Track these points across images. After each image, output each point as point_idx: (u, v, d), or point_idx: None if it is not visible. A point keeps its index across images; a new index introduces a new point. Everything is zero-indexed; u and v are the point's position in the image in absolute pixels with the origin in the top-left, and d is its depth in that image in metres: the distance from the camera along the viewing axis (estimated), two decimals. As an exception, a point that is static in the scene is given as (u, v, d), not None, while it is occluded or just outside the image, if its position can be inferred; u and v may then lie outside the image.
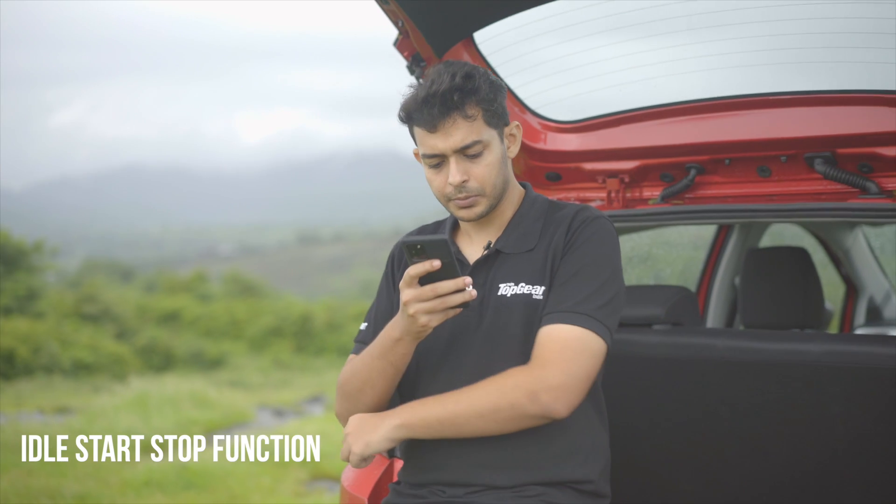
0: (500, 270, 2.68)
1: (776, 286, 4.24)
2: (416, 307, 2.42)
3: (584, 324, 2.56)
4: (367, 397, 2.66)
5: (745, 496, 3.56)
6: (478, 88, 2.60)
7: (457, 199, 2.63)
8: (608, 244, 2.69)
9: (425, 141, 2.64)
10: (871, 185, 3.32)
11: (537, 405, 2.50)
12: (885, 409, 3.24)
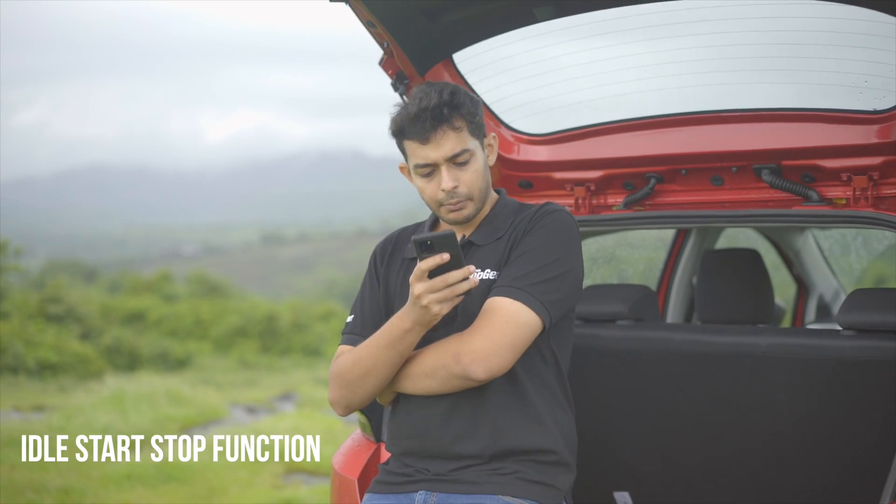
0: (471, 259, 2.91)
1: (730, 285, 4.42)
2: (429, 298, 2.63)
3: (517, 296, 2.76)
4: (369, 384, 2.88)
5: (700, 476, 3.78)
6: (462, 104, 2.84)
7: (448, 203, 2.87)
8: (561, 232, 2.89)
9: (418, 153, 2.86)
10: (812, 193, 3.55)
11: (459, 366, 2.74)
12: (826, 396, 3.48)
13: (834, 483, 3.47)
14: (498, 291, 2.79)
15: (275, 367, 22.84)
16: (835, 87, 3.52)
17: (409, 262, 3.03)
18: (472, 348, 2.74)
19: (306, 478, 9.28)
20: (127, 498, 8.08)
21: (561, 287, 2.84)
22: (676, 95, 3.81)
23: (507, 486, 2.83)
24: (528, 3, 3.47)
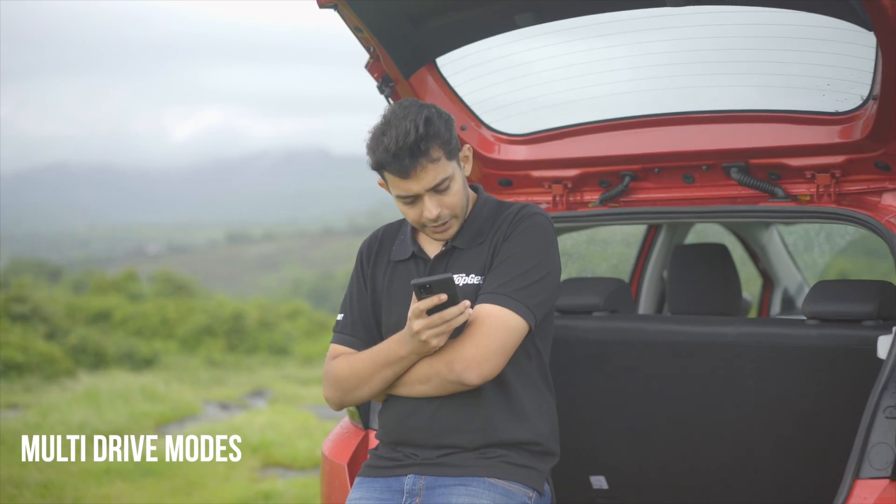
0: (455, 263, 3.06)
1: (699, 278, 4.58)
2: (427, 333, 2.81)
3: (503, 303, 2.91)
4: (364, 393, 3.06)
5: (673, 458, 3.95)
6: (438, 132, 2.94)
7: (433, 226, 3.01)
8: (540, 236, 3.03)
9: (399, 185, 2.97)
10: (778, 190, 3.70)
11: (453, 373, 2.90)
12: (792, 382, 3.66)
13: (799, 464, 3.63)
14: (485, 298, 2.94)
15: (242, 366, 22.68)
16: (799, 90, 3.67)
17: (396, 265, 3.16)
18: (464, 356, 2.89)
19: (283, 472, 9.36)
20: (107, 492, 8.14)
21: (543, 289, 2.99)
22: (650, 97, 3.94)
23: (492, 468, 2.97)
24: (510, 10, 3.61)
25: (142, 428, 10.84)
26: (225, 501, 8.09)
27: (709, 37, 3.57)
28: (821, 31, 3.32)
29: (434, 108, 3.00)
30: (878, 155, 3.50)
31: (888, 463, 2.90)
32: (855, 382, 3.36)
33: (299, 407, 13.22)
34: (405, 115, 2.95)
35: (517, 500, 2.98)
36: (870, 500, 2.88)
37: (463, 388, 2.93)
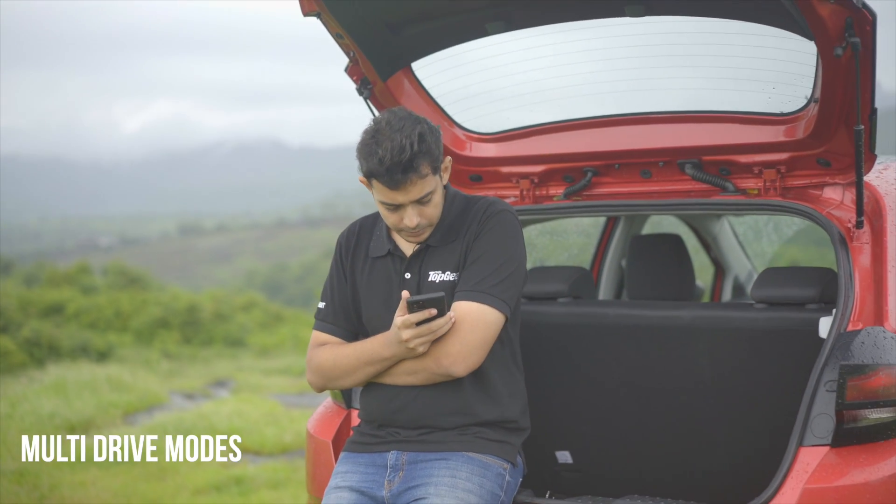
0: (429, 261, 3.29)
1: (655, 266, 4.78)
2: (415, 342, 3.06)
3: (481, 299, 3.16)
4: (345, 383, 3.32)
5: (633, 435, 4.15)
6: (429, 149, 3.12)
7: (410, 232, 3.22)
8: (506, 232, 3.25)
9: (386, 194, 3.15)
10: (728, 184, 3.92)
11: (441, 367, 3.15)
12: (742, 361, 3.89)
13: (749, 437, 3.86)
14: (464, 296, 3.17)
15: (198, 358, 22.70)
16: (748, 93, 3.88)
17: (374, 263, 3.37)
18: (449, 351, 3.13)
19: (252, 458, 9.50)
20: (82, 479, 8.23)
21: (514, 283, 3.23)
22: (610, 99, 4.15)
23: (469, 444, 3.22)
24: (481, 20, 3.82)
25: (110, 417, 10.97)
26: (198, 486, 8.22)
27: (665, 44, 3.80)
28: (767, 39, 3.54)
29: (426, 124, 3.16)
30: (820, 152, 3.72)
31: (828, 431, 3.15)
32: (799, 360, 3.57)
33: (264, 395, 13.34)
34: (400, 129, 3.09)
35: (493, 471, 3.22)
36: (812, 465, 3.13)
37: (449, 379, 3.17)
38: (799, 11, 3.17)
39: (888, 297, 3.33)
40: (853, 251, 3.49)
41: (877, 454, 3.17)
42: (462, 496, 3.16)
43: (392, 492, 3.24)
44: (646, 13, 3.64)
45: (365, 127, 3.20)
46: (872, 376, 3.17)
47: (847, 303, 3.36)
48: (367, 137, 3.14)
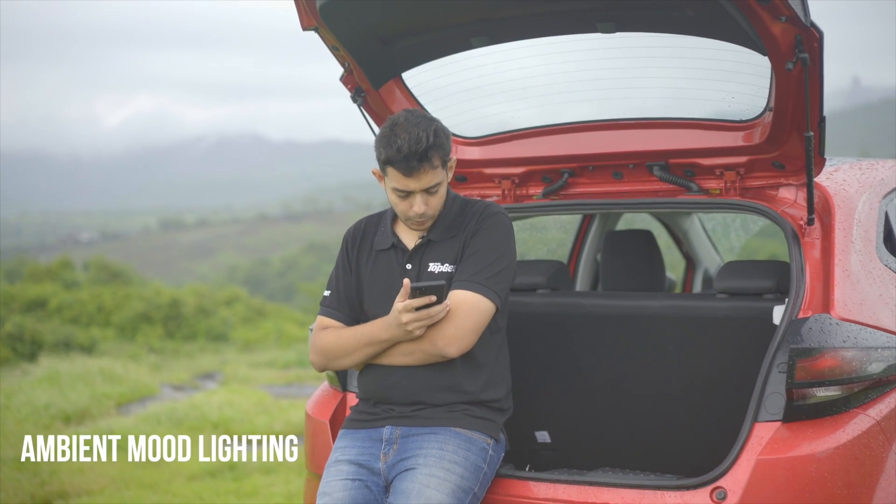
0: (430, 253, 3.61)
1: (628, 260, 5.00)
2: (413, 325, 3.38)
3: (476, 290, 3.49)
4: (345, 363, 3.63)
5: (606, 414, 4.39)
6: (442, 143, 3.45)
7: (415, 219, 3.54)
8: (501, 232, 3.59)
9: (400, 181, 3.46)
10: (693, 185, 4.14)
11: (436, 348, 3.47)
12: (706, 347, 4.14)
13: (710, 414, 4.11)
14: (460, 286, 3.50)
15: (181, 353, 22.78)
16: (710, 102, 4.11)
17: (378, 255, 3.68)
18: (444, 334, 3.46)
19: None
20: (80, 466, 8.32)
21: (505, 277, 3.55)
22: (586, 107, 4.38)
23: (457, 420, 3.54)
24: (466, 34, 4.09)
25: (104, 408, 11.10)
26: (192, 472, 8.40)
27: (634, 57, 4.05)
28: (727, 54, 3.79)
29: (440, 123, 3.48)
30: (775, 156, 3.95)
31: (780, 408, 3.41)
32: (756, 345, 3.82)
33: (252, 387, 13.48)
34: (417, 124, 3.43)
35: (478, 445, 3.53)
36: (766, 438, 3.40)
37: (443, 360, 3.49)
38: (754, 30, 3.44)
39: (835, 288, 3.58)
40: (805, 246, 3.72)
41: (823, 429, 3.41)
42: (449, 467, 3.46)
43: (387, 463, 3.53)
44: (616, 30, 3.89)
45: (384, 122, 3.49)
46: (819, 358, 3.42)
47: (798, 293, 3.60)
48: (385, 129, 3.46)
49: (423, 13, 4.03)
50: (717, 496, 3.41)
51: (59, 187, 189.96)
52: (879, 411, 3.49)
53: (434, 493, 3.42)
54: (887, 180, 4.20)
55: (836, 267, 3.65)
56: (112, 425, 9.82)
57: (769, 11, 3.34)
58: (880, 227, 3.94)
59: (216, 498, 7.58)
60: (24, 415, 10.43)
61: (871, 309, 3.62)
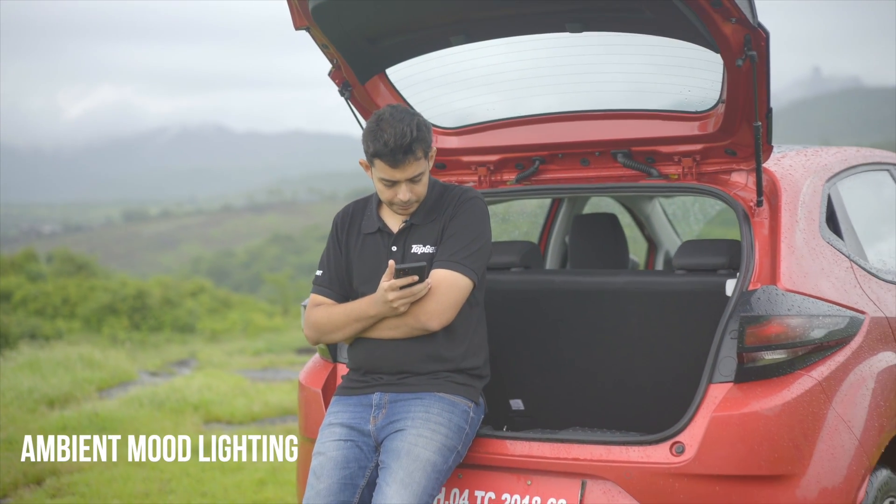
0: (413, 236, 3.95)
1: (594, 240, 5.29)
2: (399, 302, 3.71)
3: (455, 268, 3.83)
4: (336, 337, 3.96)
5: (575, 382, 4.67)
6: (425, 137, 3.75)
7: (400, 205, 3.86)
8: (477, 215, 3.93)
9: (386, 171, 3.77)
10: (653, 171, 4.40)
11: (419, 322, 3.81)
12: (666, 319, 4.43)
13: (670, 378, 4.40)
14: (440, 265, 3.83)
15: (148, 343, 22.70)
16: (669, 95, 4.39)
17: (366, 238, 4.01)
18: (427, 310, 3.80)
19: (224, 426, 9.94)
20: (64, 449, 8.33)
21: (481, 256, 3.89)
22: (555, 99, 4.64)
23: (441, 386, 3.88)
24: (446, 33, 4.39)
25: (86, 392, 11.27)
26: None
27: (600, 54, 4.34)
28: (684, 51, 4.10)
29: (421, 117, 3.79)
30: (727, 144, 4.23)
31: (732, 371, 3.74)
32: (711, 315, 4.11)
33: (229, 371, 13.71)
34: (401, 119, 3.74)
35: (460, 408, 3.88)
36: (719, 397, 3.73)
37: (426, 333, 3.82)
38: (707, 30, 3.76)
39: (781, 263, 3.91)
40: (754, 225, 4.02)
41: (771, 388, 3.74)
42: (434, 428, 3.80)
43: (376, 426, 3.87)
44: (583, 30, 4.19)
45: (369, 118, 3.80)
46: (766, 325, 3.76)
47: (748, 267, 3.92)
48: (372, 125, 3.77)
49: (406, 14, 4.31)
50: (675, 450, 3.74)
51: (20, 179, 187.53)
52: (821, 373, 3.82)
53: (422, 451, 3.76)
54: (830, 166, 4.51)
55: (782, 244, 3.97)
56: (97, 408, 10.02)
57: (720, 13, 3.65)
58: (823, 208, 4.25)
59: (202, 474, 7.81)
60: (8, 399, 10.59)
61: (813, 281, 3.96)
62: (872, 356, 4.05)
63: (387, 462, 3.79)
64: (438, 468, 3.78)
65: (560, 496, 3.92)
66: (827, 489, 3.76)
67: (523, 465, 4.00)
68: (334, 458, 3.87)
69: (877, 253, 4.63)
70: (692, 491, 3.71)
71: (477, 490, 4.04)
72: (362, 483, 3.85)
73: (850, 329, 3.96)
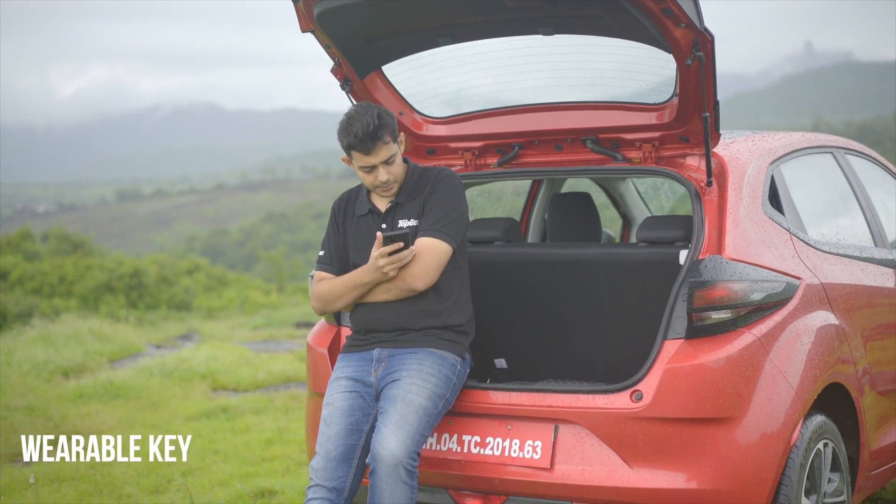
0: (398, 213, 4.47)
1: (570, 217, 5.68)
2: (388, 267, 4.23)
3: (434, 235, 4.35)
4: (338, 305, 4.49)
5: (552, 343, 5.05)
6: (387, 123, 4.27)
7: (382, 187, 4.38)
8: (452, 190, 4.43)
9: (362, 159, 4.29)
10: (618, 155, 4.80)
11: (406, 284, 4.34)
12: (630, 285, 4.86)
13: (633, 337, 4.79)
14: (422, 234, 4.35)
15: (145, 321, 22.92)
16: (630, 89, 4.82)
17: (359, 220, 4.53)
18: (412, 272, 4.33)
19: (231, 393, 10.41)
20: (86, 411, 9.11)
21: (459, 223, 4.40)
22: (532, 92, 5.05)
23: (431, 342, 4.42)
24: (434, 35, 4.85)
25: (97, 363, 11.75)
26: (189, 414, 9.17)
27: (571, 53, 4.79)
28: (642, 51, 4.54)
29: (382, 108, 4.30)
30: (681, 132, 4.64)
31: (683, 329, 4.22)
32: (667, 282, 4.54)
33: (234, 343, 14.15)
34: (365, 113, 4.28)
35: (448, 362, 4.41)
36: (672, 351, 4.21)
37: (413, 293, 4.35)
38: (661, 34, 4.24)
39: (726, 235, 4.38)
40: (705, 203, 4.46)
41: (716, 344, 4.21)
42: (426, 377, 4.35)
43: (377, 377, 4.42)
44: (554, 32, 4.66)
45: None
46: (712, 289, 4.23)
47: (698, 240, 4.38)
48: (343, 122, 4.32)
49: (400, 19, 4.78)
50: (634, 397, 4.23)
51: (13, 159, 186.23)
52: (760, 330, 4.31)
53: (415, 398, 4.31)
54: (775, 149, 4.98)
55: (727, 219, 4.44)
56: (111, 377, 10.50)
57: (671, 20, 4.13)
58: (766, 188, 4.71)
59: (214, 434, 8.34)
60: (25, 370, 11.06)
61: (755, 251, 4.44)
62: (807, 316, 4.54)
63: (385, 407, 4.33)
64: (429, 412, 4.32)
65: (536, 438, 4.41)
66: (765, 429, 4.24)
67: (504, 412, 4.48)
68: (341, 407, 4.42)
69: (817, 227, 5.09)
70: (649, 432, 4.20)
71: (464, 434, 4.53)
72: (366, 428, 4.40)
73: (786, 292, 4.44)
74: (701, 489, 4.17)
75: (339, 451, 4.33)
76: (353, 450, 4.36)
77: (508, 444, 4.47)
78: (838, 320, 4.74)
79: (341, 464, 4.32)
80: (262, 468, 7.18)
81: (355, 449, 4.36)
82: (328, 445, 4.36)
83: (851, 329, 4.86)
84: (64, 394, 10.01)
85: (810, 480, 4.54)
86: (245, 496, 6.39)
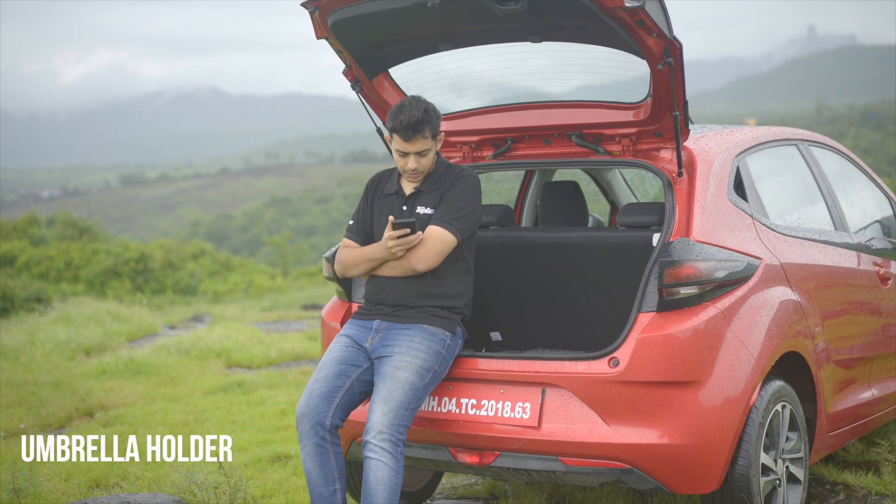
0: (419, 199, 4.91)
1: (559, 204, 6.07)
2: (396, 248, 4.67)
3: (442, 225, 4.78)
4: (354, 272, 4.94)
5: (542, 318, 5.50)
6: (431, 119, 4.69)
7: (410, 174, 4.83)
8: (468, 188, 4.84)
9: (401, 143, 4.72)
10: (600, 148, 5.20)
11: (410, 264, 4.78)
12: (611, 265, 5.26)
13: (614, 312, 5.21)
14: (434, 223, 4.79)
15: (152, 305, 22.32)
16: (610, 90, 5.21)
17: (386, 198, 4.97)
18: (416, 255, 4.78)
19: (244, 370, 10.82)
20: (110, 386, 9.56)
21: (469, 220, 4.81)
22: (523, 92, 5.46)
23: (424, 318, 4.86)
24: (436, 41, 5.27)
25: (117, 343, 12.19)
26: (206, 388, 9.64)
27: (557, 59, 5.22)
28: (620, 56, 4.96)
29: (432, 105, 4.70)
30: (655, 128, 5.05)
31: (655, 303, 4.65)
32: (642, 261, 4.98)
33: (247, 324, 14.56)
34: (416, 105, 4.71)
35: (438, 337, 4.85)
36: (645, 323, 4.63)
37: (415, 273, 4.80)
38: (635, 42, 4.68)
39: (693, 220, 4.82)
40: (676, 192, 4.89)
41: (684, 316, 4.63)
42: (415, 353, 4.79)
43: (372, 345, 4.87)
44: (542, 40, 5.09)
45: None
46: (680, 267, 4.66)
47: (669, 224, 4.80)
48: (395, 107, 4.75)
49: (405, 28, 5.20)
50: (612, 363, 4.67)
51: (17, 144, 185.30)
52: (723, 304, 4.76)
53: (402, 373, 4.74)
54: (741, 143, 5.41)
55: (695, 205, 4.88)
56: (131, 355, 10.97)
57: (644, 30, 4.58)
58: (731, 177, 5.15)
59: (231, 407, 8.80)
60: (48, 349, 11.53)
61: (719, 234, 4.89)
62: (766, 292, 4.99)
63: (376, 383, 4.79)
64: (415, 386, 4.75)
65: (526, 400, 4.83)
66: (727, 392, 4.69)
67: (497, 378, 4.89)
68: (335, 357, 4.88)
69: (779, 212, 5.53)
70: (625, 394, 4.64)
71: (462, 398, 4.97)
72: (353, 374, 4.82)
73: (747, 271, 4.90)
74: (671, 444, 4.61)
75: (323, 391, 4.77)
76: (336, 390, 4.78)
77: (501, 405, 4.85)
78: (797, 296, 5.19)
79: (322, 400, 4.75)
80: (277, 436, 7.64)
81: (338, 390, 4.78)
82: (314, 386, 4.82)
83: (810, 304, 5.29)
84: (87, 370, 10.44)
85: (769, 438, 4.98)
86: (263, 460, 6.86)
